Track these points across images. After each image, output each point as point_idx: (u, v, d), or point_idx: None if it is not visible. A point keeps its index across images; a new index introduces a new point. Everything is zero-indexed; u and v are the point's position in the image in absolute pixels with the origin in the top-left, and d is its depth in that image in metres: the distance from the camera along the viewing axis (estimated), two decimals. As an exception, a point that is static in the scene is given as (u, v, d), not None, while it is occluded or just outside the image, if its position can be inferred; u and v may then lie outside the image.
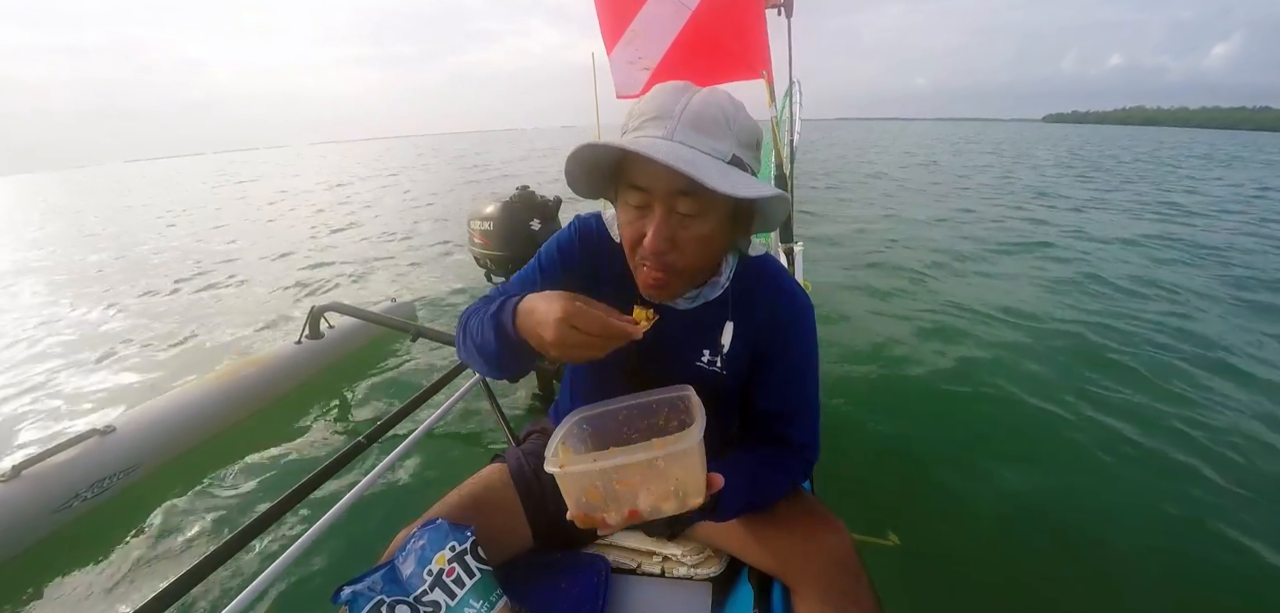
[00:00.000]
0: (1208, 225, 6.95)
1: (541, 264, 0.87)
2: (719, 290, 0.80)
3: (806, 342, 0.83)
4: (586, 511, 0.63)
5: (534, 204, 2.40)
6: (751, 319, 0.81)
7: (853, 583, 0.73)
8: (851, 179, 12.31)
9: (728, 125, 0.66)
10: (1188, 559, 1.69)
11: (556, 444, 0.65)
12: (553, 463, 0.61)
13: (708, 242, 0.70)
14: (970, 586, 1.59)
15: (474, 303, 0.86)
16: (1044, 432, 2.33)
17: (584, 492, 0.63)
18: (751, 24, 2.11)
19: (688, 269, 0.72)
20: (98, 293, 5.20)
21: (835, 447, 2.17)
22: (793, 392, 0.83)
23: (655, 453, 0.59)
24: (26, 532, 1.68)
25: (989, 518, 1.84)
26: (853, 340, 3.30)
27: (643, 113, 0.67)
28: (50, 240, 8.98)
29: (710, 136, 0.65)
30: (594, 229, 0.86)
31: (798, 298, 0.83)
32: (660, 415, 0.75)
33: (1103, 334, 3.35)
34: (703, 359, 0.82)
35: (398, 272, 5.34)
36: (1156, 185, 11.28)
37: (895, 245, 5.79)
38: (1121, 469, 2.09)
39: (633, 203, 0.69)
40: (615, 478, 0.61)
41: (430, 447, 2.19)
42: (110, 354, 3.57)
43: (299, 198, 12.76)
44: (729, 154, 0.66)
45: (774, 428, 0.84)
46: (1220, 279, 4.53)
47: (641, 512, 0.62)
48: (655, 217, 0.68)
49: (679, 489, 0.62)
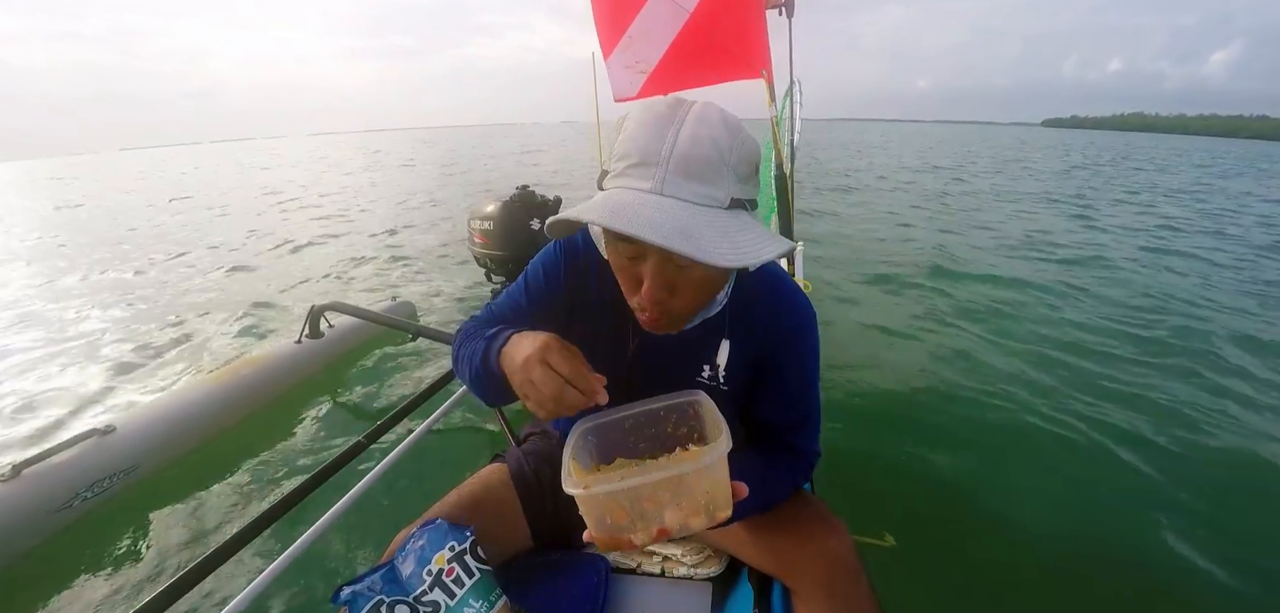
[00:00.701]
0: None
1: (527, 286, 0.84)
2: (717, 309, 0.77)
3: (810, 351, 0.81)
4: (611, 532, 0.59)
5: (534, 204, 2.40)
6: (752, 331, 0.78)
7: (853, 584, 0.73)
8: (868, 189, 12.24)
9: (723, 162, 0.57)
10: (1189, 559, 1.69)
11: (569, 462, 0.62)
12: (573, 485, 0.57)
13: (707, 282, 0.66)
14: (967, 587, 1.58)
15: (469, 322, 0.85)
16: (1044, 430, 2.33)
17: (609, 512, 0.59)
18: (751, 24, 2.11)
19: (688, 310, 0.69)
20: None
21: (832, 447, 2.17)
22: (796, 402, 0.81)
23: (684, 467, 0.57)
24: (27, 532, 1.68)
25: (986, 519, 1.84)
26: (852, 340, 3.30)
27: (625, 155, 0.59)
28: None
29: (704, 183, 0.57)
30: (581, 250, 0.82)
31: (800, 307, 0.80)
32: (669, 423, 0.73)
33: (1105, 335, 3.36)
34: (703, 375, 0.80)
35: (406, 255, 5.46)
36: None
37: (898, 245, 5.79)
38: (1122, 468, 2.09)
39: (624, 253, 0.64)
40: (643, 496, 0.58)
41: (430, 447, 2.18)
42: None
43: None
44: (727, 199, 0.58)
45: (777, 436, 0.83)
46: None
47: (671, 529, 0.59)
48: (649, 267, 0.62)
49: (708, 503, 0.60)
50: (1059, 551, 1.71)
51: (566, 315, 0.82)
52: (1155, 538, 1.76)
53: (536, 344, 0.62)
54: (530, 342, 0.63)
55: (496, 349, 0.68)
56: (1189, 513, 1.87)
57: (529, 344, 0.63)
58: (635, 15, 2.19)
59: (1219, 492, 1.96)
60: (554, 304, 0.82)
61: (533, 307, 0.83)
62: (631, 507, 0.59)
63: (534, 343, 0.62)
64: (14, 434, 2.48)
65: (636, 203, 0.55)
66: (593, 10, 2.32)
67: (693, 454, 0.59)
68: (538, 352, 0.61)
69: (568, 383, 0.60)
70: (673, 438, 0.73)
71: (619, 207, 0.56)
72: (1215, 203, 9.75)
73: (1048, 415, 2.43)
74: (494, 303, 0.87)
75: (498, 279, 2.51)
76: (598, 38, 2.34)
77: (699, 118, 0.59)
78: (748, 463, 0.74)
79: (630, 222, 0.53)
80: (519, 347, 0.64)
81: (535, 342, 0.62)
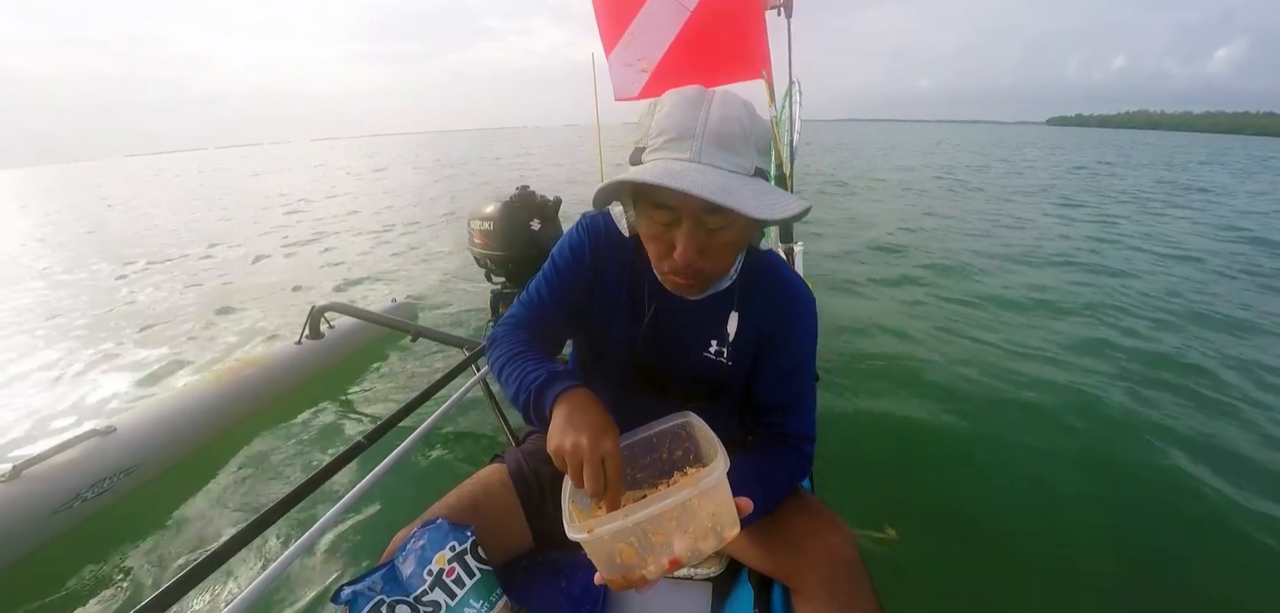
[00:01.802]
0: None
1: (557, 265, 0.89)
2: (728, 282, 0.83)
3: (808, 334, 0.85)
4: (622, 572, 0.59)
5: (534, 204, 2.40)
6: (755, 309, 0.83)
7: (854, 583, 0.73)
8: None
9: (748, 138, 0.66)
10: (1191, 559, 1.69)
11: (568, 507, 0.61)
12: (577, 530, 0.57)
13: (734, 246, 0.73)
14: (970, 582, 1.58)
15: (504, 326, 0.87)
16: (1045, 432, 2.33)
17: (617, 552, 0.58)
18: (750, 24, 2.11)
19: (716, 273, 0.76)
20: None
21: (835, 441, 2.17)
22: (792, 384, 0.84)
23: (687, 493, 0.56)
24: (27, 532, 1.68)
25: (988, 511, 1.84)
26: (853, 338, 3.30)
27: (663, 131, 0.67)
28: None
29: (735, 153, 0.65)
30: (602, 228, 0.88)
31: (801, 290, 0.85)
32: (663, 449, 0.74)
33: (1108, 334, 3.36)
34: (710, 350, 0.84)
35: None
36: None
37: (899, 245, 5.79)
38: (1123, 469, 2.09)
39: (659, 220, 0.70)
40: (650, 529, 0.58)
41: (430, 447, 2.19)
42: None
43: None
44: (752, 167, 0.67)
45: (772, 419, 0.85)
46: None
47: (682, 558, 0.59)
48: (683, 231, 0.68)
49: (715, 524, 0.60)
50: (1060, 543, 1.71)
51: (590, 288, 0.88)
52: (1156, 534, 1.77)
53: (591, 437, 0.63)
54: (587, 428, 0.64)
55: (552, 399, 0.69)
56: (1189, 512, 1.87)
57: (585, 429, 0.64)
58: (636, 13, 2.19)
59: (1219, 478, 1.96)
60: (581, 278, 0.88)
61: (563, 283, 0.88)
62: (640, 542, 0.58)
63: (591, 434, 0.63)
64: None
65: (680, 169, 0.63)
66: (594, 8, 2.32)
67: (692, 478, 0.58)
68: (592, 443, 0.62)
69: (605, 484, 0.62)
70: (669, 463, 0.73)
71: (666, 171, 0.63)
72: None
73: (1048, 412, 2.44)
74: (525, 293, 0.91)
75: (498, 280, 2.51)
76: (599, 35, 2.34)
77: (724, 100, 0.68)
78: (745, 473, 0.74)
79: (680, 181, 0.61)
80: (574, 419, 0.65)
81: (592, 433, 0.63)
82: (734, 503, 0.61)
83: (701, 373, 0.86)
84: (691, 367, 0.86)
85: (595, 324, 0.90)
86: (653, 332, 0.85)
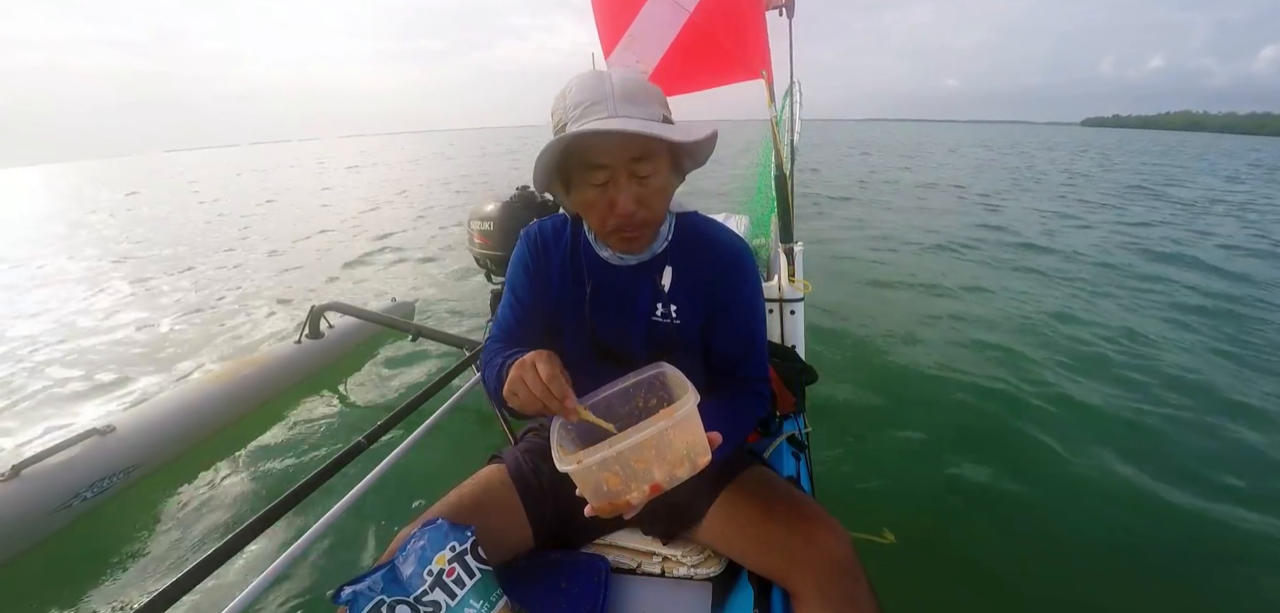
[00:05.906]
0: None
1: (512, 287, 0.97)
2: (663, 243, 0.90)
3: (750, 284, 0.92)
4: (609, 499, 0.65)
5: (534, 204, 2.40)
6: (693, 259, 0.90)
7: (853, 585, 0.73)
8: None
9: (650, 94, 0.77)
10: (1192, 558, 1.69)
11: (556, 446, 0.67)
12: (566, 462, 0.63)
13: (665, 190, 0.82)
14: (968, 584, 1.59)
15: (488, 343, 0.97)
16: (1043, 432, 2.33)
17: (604, 481, 0.65)
18: (750, 25, 2.11)
19: (653, 220, 0.83)
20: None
21: (832, 443, 2.17)
22: (743, 333, 0.92)
23: (664, 424, 0.62)
24: (27, 532, 1.68)
25: (986, 513, 1.84)
26: (853, 338, 3.30)
27: (578, 103, 0.74)
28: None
29: (643, 105, 0.75)
30: (535, 232, 0.97)
31: (734, 244, 0.92)
32: (638, 398, 0.79)
33: (1106, 333, 3.36)
34: (657, 313, 0.90)
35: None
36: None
37: (901, 244, 5.79)
38: (1122, 468, 2.09)
39: (594, 182, 0.78)
40: (631, 458, 0.64)
41: (430, 447, 2.16)
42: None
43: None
44: (660, 115, 0.77)
45: (731, 368, 0.93)
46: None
47: (661, 483, 0.65)
48: (619, 184, 0.77)
49: (689, 453, 0.66)
50: (1059, 543, 1.71)
51: (542, 291, 0.95)
52: (1156, 531, 1.77)
53: (527, 357, 0.73)
54: (528, 361, 0.73)
55: (507, 367, 0.78)
56: (1188, 509, 1.87)
57: (527, 364, 0.73)
58: (635, 14, 2.19)
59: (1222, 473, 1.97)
60: (533, 288, 0.95)
61: (521, 301, 0.95)
62: (623, 470, 0.65)
63: (530, 359, 0.73)
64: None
65: (603, 124, 0.71)
66: (594, 10, 2.32)
67: (667, 413, 0.63)
68: (529, 360, 0.72)
69: (545, 387, 0.70)
70: (645, 411, 0.78)
71: (605, 124, 0.71)
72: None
73: (1048, 411, 2.44)
74: (496, 323, 0.99)
75: (498, 280, 2.51)
76: (598, 37, 2.34)
77: (623, 70, 0.79)
78: (714, 410, 0.80)
79: (608, 124, 0.70)
80: (521, 365, 0.74)
81: (531, 359, 0.73)
82: (706, 436, 0.67)
83: (657, 337, 0.90)
84: (644, 333, 0.90)
85: (553, 321, 0.95)
86: (598, 305, 0.91)
